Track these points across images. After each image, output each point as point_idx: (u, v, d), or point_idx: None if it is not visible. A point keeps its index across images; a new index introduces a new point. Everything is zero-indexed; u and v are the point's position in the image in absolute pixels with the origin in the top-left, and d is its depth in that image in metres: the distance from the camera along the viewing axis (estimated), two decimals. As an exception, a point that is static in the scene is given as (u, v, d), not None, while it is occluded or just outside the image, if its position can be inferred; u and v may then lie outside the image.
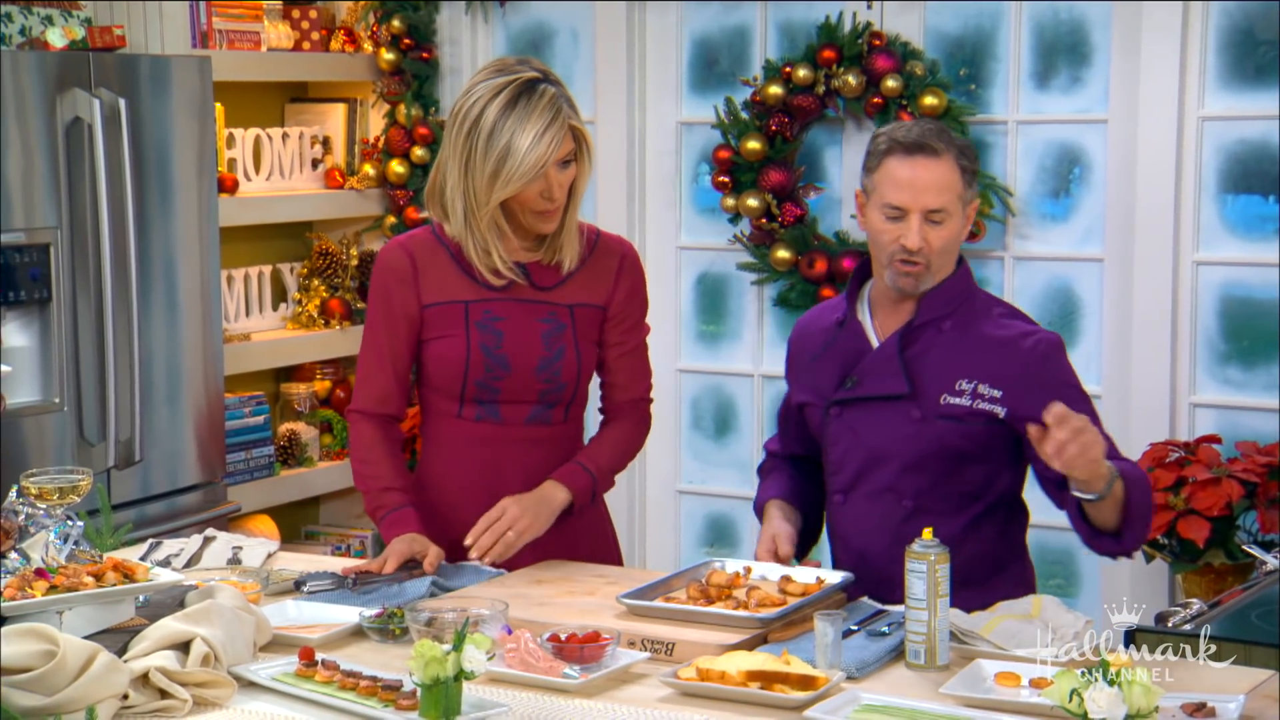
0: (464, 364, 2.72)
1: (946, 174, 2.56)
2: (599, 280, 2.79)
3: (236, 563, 2.74)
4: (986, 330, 2.62)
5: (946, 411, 2.59)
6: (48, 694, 1.97)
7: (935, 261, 2.58)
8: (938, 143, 2.57)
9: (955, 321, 2.62)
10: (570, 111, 2.66)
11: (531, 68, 2.67)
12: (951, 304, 2.62)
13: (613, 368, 2.83)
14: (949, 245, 2.58)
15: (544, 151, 2.60)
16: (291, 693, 2.12)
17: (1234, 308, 3.93)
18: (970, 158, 2.61)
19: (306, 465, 4.58)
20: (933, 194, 2.55)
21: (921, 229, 2.56)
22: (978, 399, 2.58)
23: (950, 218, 2.57)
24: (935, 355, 2.61)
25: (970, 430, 2.58)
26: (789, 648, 2.23)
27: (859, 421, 2.64)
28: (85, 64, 3.70)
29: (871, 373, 2.63)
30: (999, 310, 2.67)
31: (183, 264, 3.94)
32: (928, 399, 2.60)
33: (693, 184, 4.52)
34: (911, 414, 2.60)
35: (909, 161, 2.56)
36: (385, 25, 4.68)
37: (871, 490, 2.65)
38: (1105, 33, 3.98)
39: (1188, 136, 3.88)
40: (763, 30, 4.36)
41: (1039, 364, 2.58)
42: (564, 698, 2.12)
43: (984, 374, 2.58)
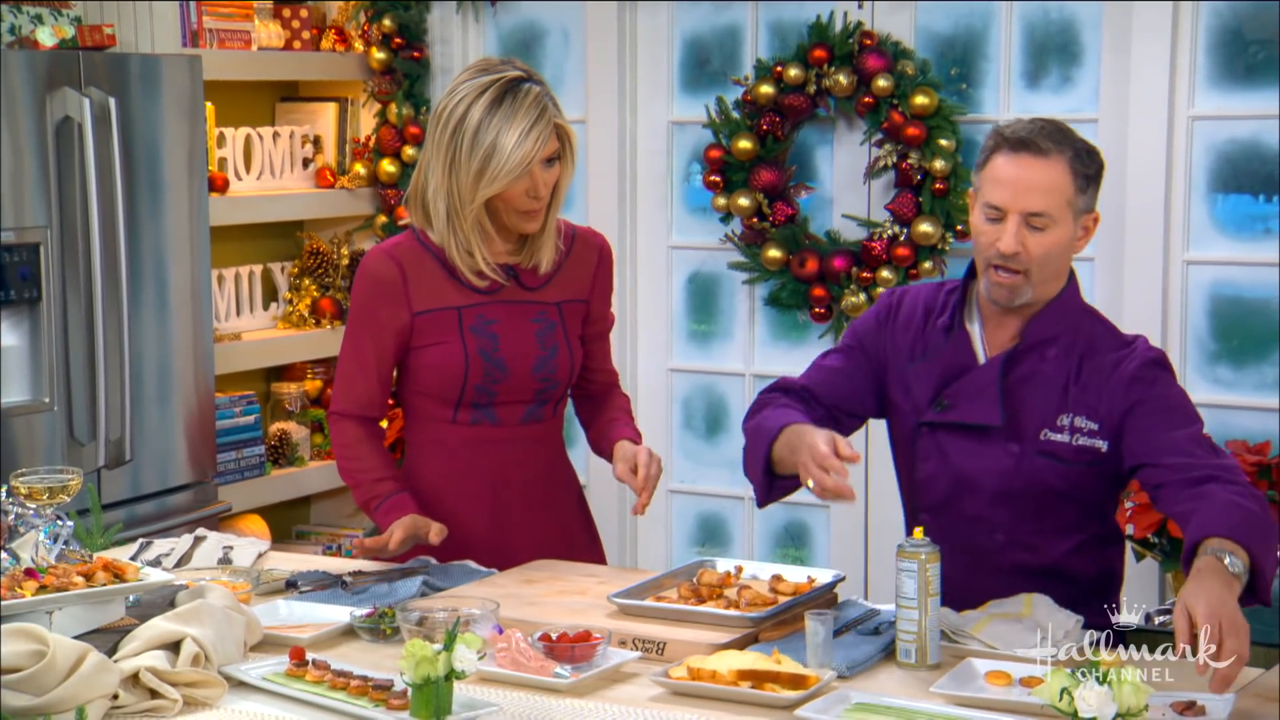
0: (463, 370, 2.72)
1: (1053, 176, 2.38)
2: (581, 274, 2.82)
3: (227, 562, 2.74)
4: (1090, 355, 2.44)
5: (1046, 448, 2.43)
6: (37, 694, 1.97)
7: (1036, 271, 2.40)
8: (1047, 141, 2.39)
9: (1060, 347, 2.45)
10: (555, 110, 2.68)
11: (515, 67, 2.68)
12: (1059, 326, 2.45)
13: (590, 352, 2.88)
14: (1051, 255, 2.39)
15: (529, 149, 2.61)
16: (282, 692, 2.12)
17: (1224, 307, 3.93)
18: (1090, 163, 2.42)
19: (297, 465, 4.58)
20: (1034, 195, 2.37)
21: (1019, 233, 2.38)
22: (1076, 434, 2.42)
23: (1054, 224, 2.38)
24: (1038, 384, 2.44)
25: (1071, 472, 2.42)
26: (780, 647, 2.23)
27: (950, 445, 2.48)
28: (75, 63, 3.70)
29: (967, 396, 2.46)
30: (1104, 330, 2.49)
31: (173, 263, 3.93)
32: (1027, 433, 2.43)
33: (684, 183, 4.52)
34: (1009, 448, 2.44)
35: (1013, 159, 2.39)
36: (376, 24, 4.68)
37: (961, 516, 2.50)
38: (1096, 32, 3.99)
39: (1178, 136, 3.88)
40: (754, 30, 4.36)
41: (1127, 384, 2.41)
42: (555, 697, 2.12)
43: (1082, 405, 2.42)
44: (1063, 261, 2.44)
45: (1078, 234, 2.44)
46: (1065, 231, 2.41)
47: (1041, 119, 2.46)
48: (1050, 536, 2.48)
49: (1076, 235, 2.44)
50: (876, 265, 4.14)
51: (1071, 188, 2.40)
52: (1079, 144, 2.43)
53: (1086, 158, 2.42)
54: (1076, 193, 2.41)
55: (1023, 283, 2.42)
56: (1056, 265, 2.43)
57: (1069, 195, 2.40)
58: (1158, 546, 3.70)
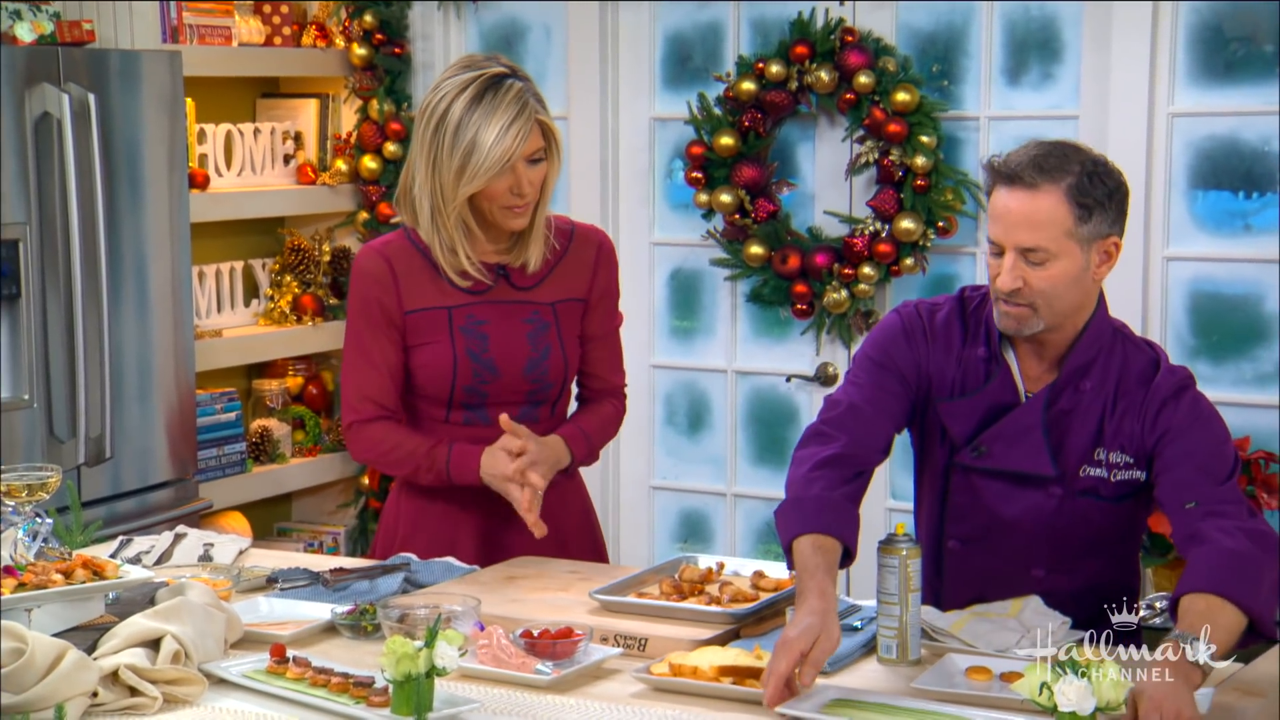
0: (451, 370, 2.70)
1: (1045, 209, 2.26)
2: (578, 272, 2.79)
3: (208, 560, 2.74)
4: (1123, 385, 2.37)
5: (1087, 486, 2.36)
6: (16, 692, 1.96)
7: (1043, 305, 2.30)
8: (1036, 174, 2.27)
9: (1094, 379, 2.37)
10: (538, 106, 2.65)
11: (499, 64, 2.67)
12: (1091, 354, 2.36)
13: (590, 356, 2.84)
14: (1058, 288, 2.29)
15: (509, 145, 2.59)
16: (262, 690, 2.11)
17: (1204, 303, 3.95)
18: (1096, 188, 2.28)
19: (279, 462, 4.57)
20: (1025, 231, 2.27)
21: (1018, 269, 2.28)
22: (1114, 469, 2.35)
23: (1054, 258, 2.27)
24: (1075, 421, 2.35)
25: (1116, 510, 2.34)
26: (761, 643, 2.23)
27: (986, 488, 2.40)
28: (54, 59, 3.68)
29: (1007, 440, 2.37)
30: (1133, 351, 2.40)
31: (153, 260, 3.92)
32: (1069, 473, 2.37)
33: (666, 180, 4.52)
34: (1052, 491, 2.35)
35: (1005, 192, 2.30)
36: (357, 20, 4.67)
37: (996, 548, 2.43)
38: (1076, 29, 4.00)
39: (1158, 133, 3.90)
40: (735, 26, 4.37)
41: (1156, 414, 2.33)
42: (536, 694, 2.12)
43: (1116, 440, 2.35)
44: (1077, 292, 2.32)
45: (1094, 261, 2.32)
46: (1071, 263, 2.30)
47: (1048, 143, 2.35)
48: (1089, 560, 2.43)
49: (1093, 263, 2.32)
50: (858, 261, 4.14)
51: (1070, 218, 2.28)
52: (1084, 168, 2.30)
53: (1090, 183, 2.29)
54: (1077, 223, 2.28)
55: (1030, 315, 2.33)
56: (1070, 298, 2.32)
57: (1067, 226, 2.28)
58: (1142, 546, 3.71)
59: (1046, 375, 2.40)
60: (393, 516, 2.84)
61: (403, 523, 2.82)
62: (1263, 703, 2.08)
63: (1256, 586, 2.16)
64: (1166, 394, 2.35)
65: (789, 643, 2.08)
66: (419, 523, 2.80)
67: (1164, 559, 3.68)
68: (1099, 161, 2.32)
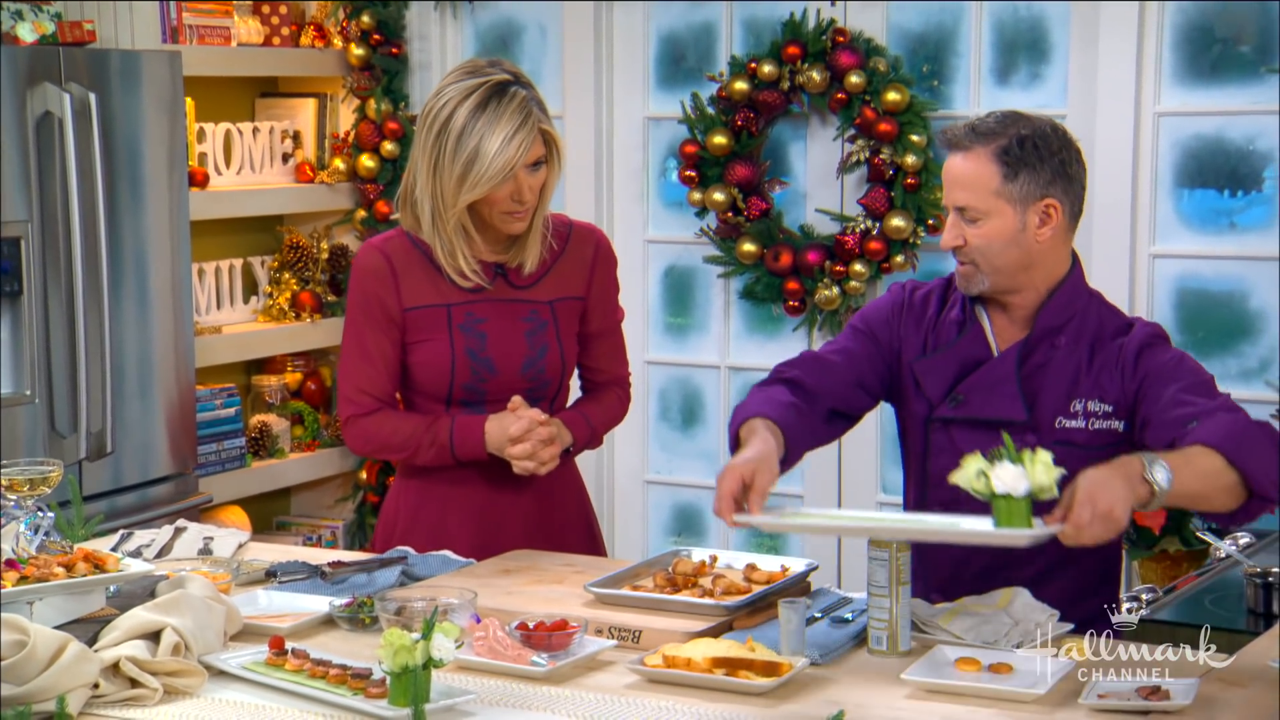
0: (450, 368, 2.72)
1: (974, 169, 2.38)
2: (576, 271, 2.80)
3: (207, 553, 2.74)
4: (1099, 341, 2.44)
5: (1064, 437, 2.41)
6: (18, 683, 1.97)
7: (983, 262, 2.41)
8: (971, 137, 2.40)
9: (1070, 334, 2.45)
10: (541, 115, 2.65)
11: (503, 70, 2.66)
12: (1066, 314, 2.45)
13: (593, 352, 2.85)
14: (993, 245, 2.39)
15: (512, 155, 2.59)
16: (261, 681, 2.12)
17: (1190, 300, 3.98)
18: (1025, 152, 2.37)
19: (278, 456, 4.59)
20: (957, 190, 2.41)
21: (957, 226, 2.41)
22: (1091, 418, 2.41)
23: (985, 217, 2.39)
24: (1051, 373, 2.43)
25: (1096, 458, 2.28)
26: (754, 634, 2.23)
27: (965, 441, 2.42)
28: (55, 58, 3.70)
29: (982, 390, 2.45)
30: (1109, 314, 2.49)
31: (154, 257, 3.94)
32: (1043, 424, 2.42)
33: (660, 178, 4.55)
34: (1027, 440, 2.34)
35: (950, 158, 2.45)
36: (355, 21, 4.69)
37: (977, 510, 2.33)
38: (1064, 30, 4.03)
39: (1144, 132, 3.92)
40: (728, 27, 4.39)
41: (1134, 362, 2.41)
42: (532, 685, 2.13)
43: (1094, 390, 2.42)
44: (1017, 251, 2.41)
45: (1031, 222, 2.40)
46: (1004, 222, 2.39)
47: (996, 111, 2.46)
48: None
49: (1031, 224, 2.40)
50: (849, 259, 4.17)
51: (997, 178, 2.38)
52: (1018, 132, 2.38)
53: (1017, 145, 2.38)
54: (1004, 181, 2.38)
55: (974, 272, 2.43)
56: (1010, 255, 2.41)
57: (994, 186, 2.38)
58: (1124, 535, 3.73)
59: (1019, 333, 2.48)
60: (392, 511, 2.86)
61: (401, 517, 2.84)
62: (1246, 693, 2.08)
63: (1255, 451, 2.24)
64: (1143, 342, 2.42)
65: (733, 467, 2.25)
66: (417, 516, 2.82)
67: (1149, 551, 3.70)
68: (1040, 128, 2.40)
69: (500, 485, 2.78)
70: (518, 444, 2.67)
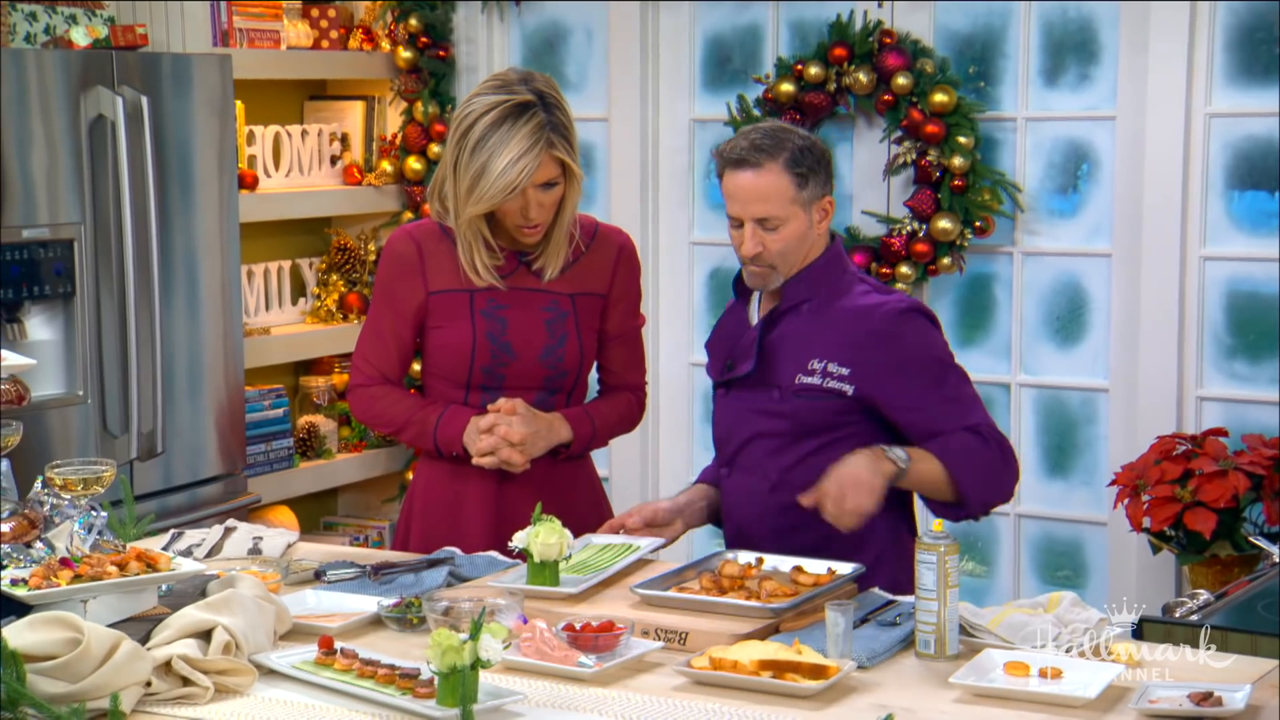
0: (470, 350, 2.78)
1: (771, 183, 2.63)
2: (599, 269, 2.85)
3: (257, 553, 2.75)
4: (842, 307, 2.70)
5: (800, 390, 2.69)
6: (72, 681, 1.98)
7: (780, 263, 2.68)
8: (759, 154, 2.63)
9: (816, 303, 2.71)
10: (556, 139, 2.70)
11: (531, 88, 2.71)
12: (815, 286, 2.71)
13: (609, 354, 2.90)
14: (790, 247, 2.67)
15: (513, 178, 2.67)
16: (311, 680, 2.13)
17: (1240, 302, 3.94)
18: (803, 160, 2.64)
19: (325, 457, 4.62)
20: (757, 204, 2.64)
21: (756, 235, 2.65)
22: (827, 378, 2.67)
23: (784, 222, 2.65)
24: (792, 337, 2.70)
25: (823, 407, 2.67)
26: (800, 637, 2.23)
27: (736, 402, 2.76)
28: (108, 62, 3.74)
29: (740, 356, 2.75)
30: (861, 288, 2.73)
31: (203, 259, 3.97)
32: (784, 379, 2.70)
33: (705, 180, 4.54)
34: (772, 395, 2.70)
35: (735, 175, 2.66)
36: (402, 24, 4.71)
37: (746, 464, 2.76)
38: (1113, 30, 4.00)
39: (1195, 133, 3.89)
40: (774, 28, 4.38)
41: (881, 340, 2.66)
42: (579, 686, 2.13)
43: (834, 353, 2.67)
44: (804, 247, 2.69)
45: (815, 218, 2.69)
46: (798, 224, 2.66)
47: (759, 128, 2.70)
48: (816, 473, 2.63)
49: (815, 220, 2.69)
50: (896, 261, 4.16)
51: (791, 187, 2.64)
52: (795, 144, 2.65)
53: (801, 155, 2.64)
54: (797, 189, 2.65)
55: (771, 273, 2.70)
56: (800, 252, 2.69)
57: (790, 194, 2.64)
58: (1174, 539, 3.71)
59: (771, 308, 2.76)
60: (409, 501, 2.95)
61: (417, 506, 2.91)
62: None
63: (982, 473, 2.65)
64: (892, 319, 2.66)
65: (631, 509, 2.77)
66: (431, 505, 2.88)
67: (1200, 556, 3.67)
68: (805, 136, 2.70)
69: (515, 480, 2.82)
70: (485, 437, 2.74)
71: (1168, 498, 3.61)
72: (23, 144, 3.56)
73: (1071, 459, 4.20)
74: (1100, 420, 4.13)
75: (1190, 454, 3.67)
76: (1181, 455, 3.67)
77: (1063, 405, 4.21)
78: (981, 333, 4.24)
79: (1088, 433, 4.17)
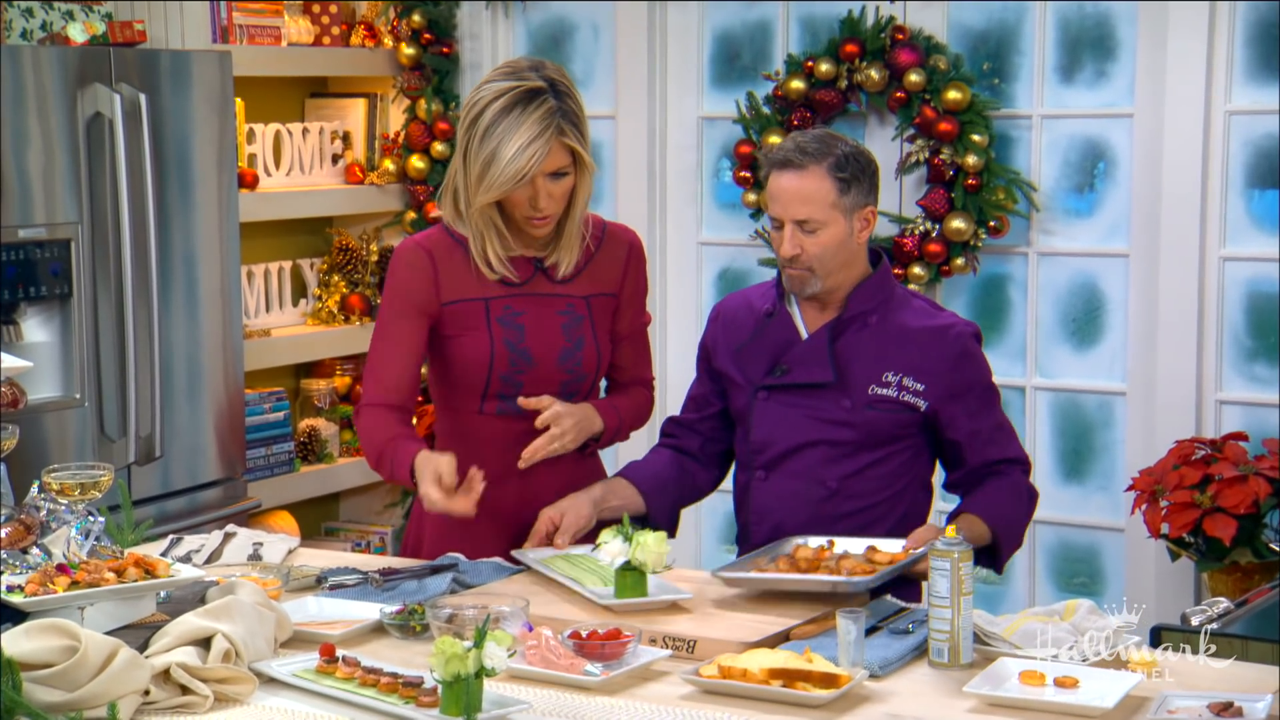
0: (489, 360, 2.75)
1: (814, 186, 2.68)
2: (610, 269, 2.85)
3: (257, 559, 2.75)
4: (909, 323, 2.77)
5: (874, 401, 2.74)
6: (69, 689, 1.98)
7: (818, 266, 2.71)
8: (804, 157, 2.69)
9: (880, 316, 2.77)
10: (566, 126, 2.67)
11: (543, 75, 2.69)
12: (875, 299, 2.77)
13: (619, 352, 2.90)
14: (828, 251, 2.70)
15: (523, 165, 2.64)
16: (312, 689, 2.12)
17: (1261, 303, 3.91)
18: (847, 167, 2.70)
19: (326, 461, 4.59)
20: (798, 205, 2.69)
21: (795, 237, 2.70)
22: (903, 391, 2.74)
23: (824, 226, 2.69)
24: (863, 348, 2.75)
25: (893, 420, 2.74)
26: (811, 645, 2.23)
27: (787, 407, 2.78)
28: (106, 59, 3.71)
29: (801, 362, 2.77)
30: (918, 303, 2.83)
31: (203, 260, 3.94)
32: (856, 389, 2.74)
33: (714, 179, 4.51)
34: (841, 403, 2.75)
35: (779, 176, 2.71)
36: (405, 20, 4.68)
37: (795, 470, 2.78)
38: (1131, 26, 3.96)
39: (1214, 131, 3.86)
40: (784, 24, 4.35)
41: (956, 361, 2.76)
42: (585, 695, 2.12)
43: (908, 367, 2.74)
44: (846, 253, 2.73)
45: (856, 227, 2.73)
46: (838, 230, 2.70)
47: (808, 132, 2.75)
48: (874, 486, 2.77)
49: (855, 229, 2.73)
50: (908, 261, 4.12)
51: (834, 192, 2.69)
52: (841, 150, 2.71)
53: (845, 161, 2.70)
54: (839, 194, 2.69)
55: (810, 276, 2.73)
56: (840, 257, 2.73)
57: (832, 199, 2.69)
58: (1193, 546, 3.68)
59: (828, 317, 2.79)
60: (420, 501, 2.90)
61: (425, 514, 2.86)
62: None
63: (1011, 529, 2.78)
64: (968, 342, 2.77)
65: (545, 511, 2.73)
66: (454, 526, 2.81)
67: (1220, 564, 3.64)
68: (853, 145, 2.76)
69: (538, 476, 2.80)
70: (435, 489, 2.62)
71: (1186, 503, 3.58)
72: (19, 142, 3.53)
73: (1088, 463, 4.18)
74: (1117, 424, 4.11)
75: (1210, 458, 3.65)
76: (1201, 460, 3.65)
77: (1079, 409, 4.18)
78: (996, 335, 4.21)
79: (1105, 437, 4.15)
